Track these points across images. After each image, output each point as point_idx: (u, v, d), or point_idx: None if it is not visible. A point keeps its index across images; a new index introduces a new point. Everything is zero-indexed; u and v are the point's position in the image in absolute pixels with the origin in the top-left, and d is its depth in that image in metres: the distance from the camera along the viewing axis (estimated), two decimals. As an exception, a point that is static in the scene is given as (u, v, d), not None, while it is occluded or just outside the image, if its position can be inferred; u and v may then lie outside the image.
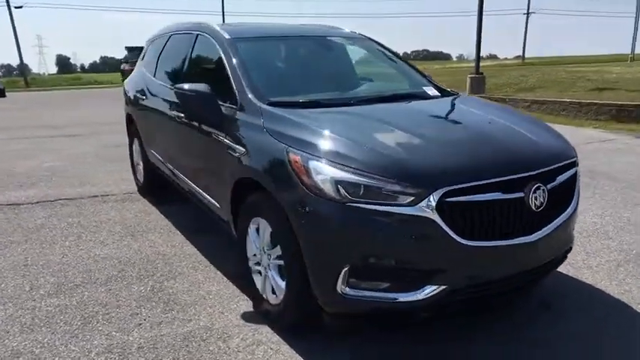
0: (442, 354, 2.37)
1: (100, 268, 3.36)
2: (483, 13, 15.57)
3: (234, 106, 2.88)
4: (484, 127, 2.57)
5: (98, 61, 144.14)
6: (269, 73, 3.18)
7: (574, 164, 2.53)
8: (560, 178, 2.38)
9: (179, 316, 2.76)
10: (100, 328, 2.64)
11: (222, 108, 2.93)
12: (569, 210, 2.45)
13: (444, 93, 3.38)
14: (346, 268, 2.11)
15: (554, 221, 2.33)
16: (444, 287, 2.10)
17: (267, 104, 2.71)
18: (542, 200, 2.22)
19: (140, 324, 2.68)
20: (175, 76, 3.80)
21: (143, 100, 4.45)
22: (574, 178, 2.51)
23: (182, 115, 3.48)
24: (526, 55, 55.26)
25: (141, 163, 4.92)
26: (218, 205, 3.12)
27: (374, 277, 2.12)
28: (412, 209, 2.03)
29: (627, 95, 11.47)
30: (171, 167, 3.94)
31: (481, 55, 16.22)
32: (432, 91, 3.36)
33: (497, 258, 2.18)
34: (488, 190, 2.11)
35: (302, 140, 2.34)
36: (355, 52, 3.79)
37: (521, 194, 2.17)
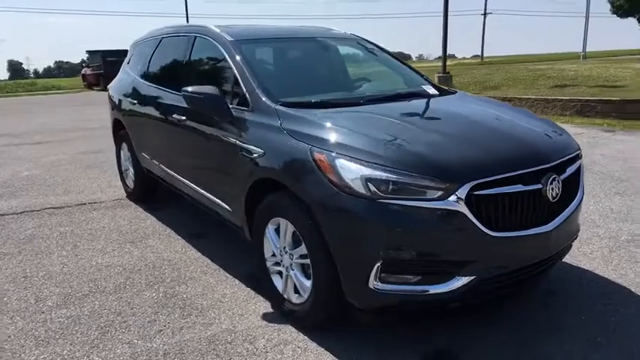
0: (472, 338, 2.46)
1: (106, 277, 3.29)
2: (448, 14, 15.99)
3: (245, 108, 2.88)
4: (496, 123, 2.67)
5: (53, 65, 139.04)
6: (276, 74, 3.20)
7: (579, 156, 2.66)
8: (570, 170, 2.51)
9: (199, 320, 2.74)
10: (120, 337, 2.59)
11: (232, 110, 2.93)
12: (577, 200, 2.58)
13: (442, 91, 3.49)
14: (378, 264, 2.15)
15: (566, 210, 2.46)
16: (472, 278, 2.18)
17: (281, 105, 2.73)
18: (557, 191, 2.34)
19: (161, 330, 2.64)
20: (173, 79, 3.75)
21: (134, 104, 4.37)
22: (579, 170, 2.65)
23: (184, 117, 3.44)
24: (484, 55, 56.87)
25: (131, 169, 4.82)
26: (229, 207, 3.11)
27: (405, 271, 2.18)
28: (442, 203, 2.10)
29: (588, 91, 12.02)
30: (170, 171, 3.89)
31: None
32: (430, 89, 3.46)
33: (519, 248, 2.27)
34: (511, 182, 2.21)
35: (325, 139, 2.38)
36: (354, 53, 3.85)
37: (540, 186, 2.28)
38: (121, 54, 30.55)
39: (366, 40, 4.01)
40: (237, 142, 2.83)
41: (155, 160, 4.13)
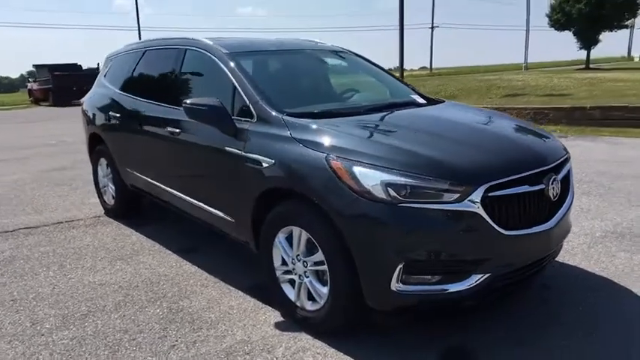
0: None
1: (102, 295, 3.19)
2: (404, 28, 16.54)
3: (249, 119, 2.90)
4: (496, 128, 2.84)
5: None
6: (274, 86, 3.23)
7: (569, 158, 2.86)
8: (564, 171, 2.69)
9: (211, 333, 2.71)
10: (132, 355, 2.52)
11: (235, 121, 2.94)
12: (570, 198, 2.76)
13: (430, 100, 3.64)
14: (401, 266, 2.23)
15: (562, 209, 2.63)
16: (487, 275, 2.30)
17: (288, 115, 2.77)
18: (557, 190, 2.51)
19: (174, 345, 2.60)
20: (163, 92, 3.70)
21: (116, 118, 4.27)
22: (570, 170, 2.84)
23: (178, 130, 3.41)
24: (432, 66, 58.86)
25: (110, 185, 4.69)
26: (231, 219, 3.10)
27: (426, 272, 2.27)
28: (459, 205, 2.21)
29: (538, 100, 12.73)
30: (161, 186, 3.82)
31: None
32: (419, 99, 3.60)
33: (527, 245, 2.42)
34: (519, 183, 2.35)
35: (339, 147, 2.44)
36: (343, 64, 3.94)
37: (542, 186, 2.44)
38: (71, 68, 29.40)
39: (352, 52, 4.12)
40: (243, 152, 2.84)
41: (143, 174, 4.05)
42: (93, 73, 28.56)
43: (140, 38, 34.97)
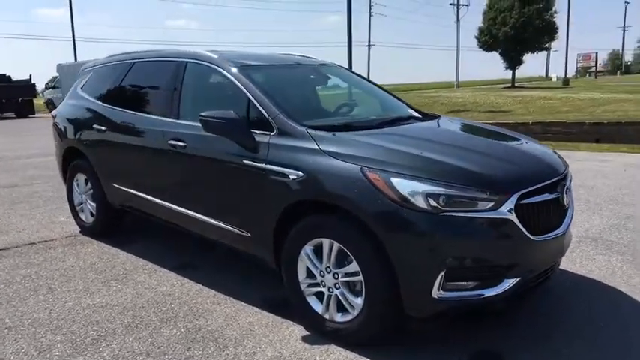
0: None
1: (108, 318, 3.02)
2: (352, 44, 16.98)
3: (269, 132, 2.90)
4: (508, 141, 3.03)
5: None
6: (289, 99, 3.25)
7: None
8: (569, 179, 2.92)
9: (239, 350, 2.65)
10: (163, 378, 2.42)
11: (253, 134, 2.93)
12: (572, 205, 2.99)
13: (424, 114, 3.80)
14: (442, 273, 2.32)
15: (568, 214, 2.84)
16: (518, 279, 2.44)
17: (311, 129, 2.81)
18: (569, 198, 2.71)
19: (205, 365, 2.52)
20: (163, 106, 3.59)
21: (102, 132, 4.07)
22: (571, 180, 3.08)
23: (182, 144, 3.32)
24: (371, 83, 60.63)
25: (89, 202, 4.45)
26: (247, 233, 3.06)
27: (465, 278, 2.37)
28: (494, 213, 2.34)
29: (482, 116, 13.55)
30: (157, 201, 3.68)
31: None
32: (415, 113, 3.76)
33: (547, 250, 2.59)
34: (542, 192, 2.53)
35: (371, 159, 2.50)
36: (341, 79, 4.03)
37: (558, 194, 2.64)
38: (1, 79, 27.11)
39: (345, 68, 4.23)
40: (264, 165, 2.83)
41: (134, 190, 3.88)
42: (27, 84, 26.86)
43: (75, 49, 33.39)
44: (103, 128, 4.06)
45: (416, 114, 3.73)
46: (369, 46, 60.06)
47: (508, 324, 2.86)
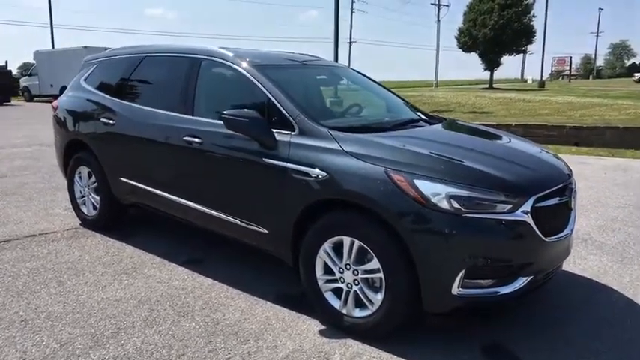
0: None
1: (125, 312, 3.04)
2: (338, 41, 17.10)
3: (290, 132, 2.96)
4: (519, 147, 3.16)
5: None
6: (306, 99, 3.32)
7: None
8: (574, 183, 3.08)
9: (260, 344, 2.72)
10: (190, 370, 2.47)
11: (274, 133, 2.99)
12: (575, 208, 3.16)
13: (429, 116, 3.92)
14: (463, 271, 2.44)
15: (572, 217, 3.01)
16: (530, 277, 2.58)
17: (333, 129, 2.89)
18: (575, 201, 2.87)
19: (229, 358, 2.58)
20: (178, 101, 3.60)
21: (110, 125, 4.06)
22: (575, 184, 3.25)
23: (198, 140, 3.36)
24: (350, 79, 60.88)
25: (93, 195, 4.43)
26: (264, 230, 3.12)
27: (483, 276, 2.50)
28: (512, 215, 2.47)
29: (465, 116, 13.80)
30: (169, 197, 3.70)
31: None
32: (422, 115, 3.88)
33: (557, 250, 2.75)
34: (553, 196, 2.67)
35: (394, 161, 2.60)
36: (351, 80, 4.11)
37: (567, 198, 2.79)
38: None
39: (354, 69, 4.31)
40: (287, 164, 2.89)
41: (144, 184, 3.89)
42: (2, 71, 26.08)
43: (53, 36, 32.51)
44: (112, 122, 4.05)
45: (423, 116, 3.85)
46: (350, 42, 60.25)
47: (514, 319, 3.01)
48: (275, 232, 3.08)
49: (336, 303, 2.85)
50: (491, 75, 41.66)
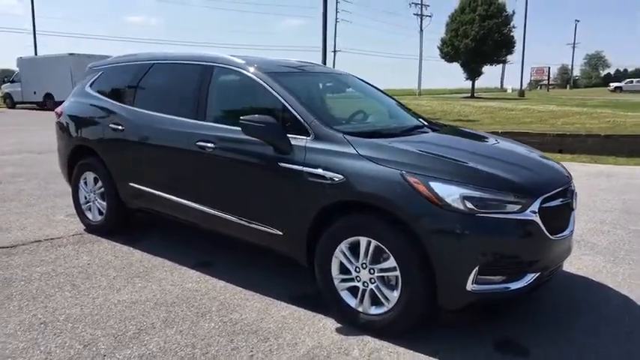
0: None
1: (143, 313, 3.10)
2: (326, 50, 17.33)
3: (305, 137, 3.08)
4: (523, 151, 3.33)
5: None
6: (320, 105, 3.44)
7: (570, 176, 3.45)
8: (574, 186, 3.26)
9: (280, 342, 2.80)
10: (216, 367, 2.55)
11: (290, 138, 3.10)
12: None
13: (431, 123, 4.07)
14: (477, 268, 2.57)
15: (572, 217, 3.17)
16: (538, 274, 2.73)
17: (347, 134, 3.01)
18: (575, 202, 3.04)
19: (252, 355, 2.66)
20: (190, 108, 3.68)
21: (119, 131, 4.11)
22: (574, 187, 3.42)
23: (212, 145, 3.45)
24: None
25: (99, 200, 4.47)
26: (279, 232, 3.21)
27: (495, 272, 2.63)
28: (522, 215, 2.62)
29: (452, 124, 14.09)
30: (180, 201, 3.76)
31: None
32: (424, 121, 4.03)
33: (561, 248, 2.90)
34: (557, 197, 2.84)
35: (409, 164, 2.73)
36: (355, 88, 4.24)
37: (568, 199, 2.95)
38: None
39: (357, 77, 4.45)
40: (303, 168, 3.00)
41: (154, 189, 3.95)
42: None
43: (36, 43, 32.07)
44: (121, 127, 4.10)
45: (425, 122, 3.99)
46: (335, 51, 60.72)
47: (521, 315, 3.16)
48: (290, 234, 3.17)
49: (351, 301, 2.95)
50: (473, 84, 42.48)
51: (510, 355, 2.72)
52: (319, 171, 2.94)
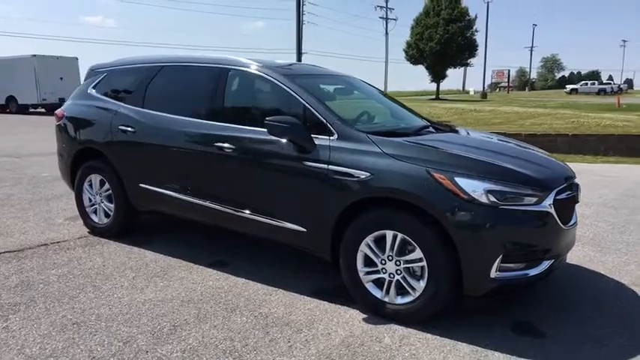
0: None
1: (173, 311, 3.16)
2: (301, 52, 17.45)
3: (329, 137, 3.22)
4: (529, 149, 3.57)
5: None
6: (335, 106, 3.58)
7: (569, 171, 3.72)
8: (577, 180, 3.53)
9: (314, 332, 2.93)
10: (259, 358, 2.65)
11: (313, 138, 3.24)
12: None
13: (432, 122, 4.29)
14: (500, 257, 2.78)
15: (575, 210, 3.44)
16: (552, 261, 2.96)
17: (371, 134, 3.17)
18: (579, 195, 3.31)
19: (291, 346, 2.78)
20: (207, 110, 3.76)
21: (129, 134, 4.13)
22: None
23: (232, 146, 3.53)
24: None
25: (105, 203, 4.46)
26: (302, 229, 3.33)
27: (516, 260, 2.85)
28: (539, 206, 2.85)
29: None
30: (197, 201, 3.82)
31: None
32: (430, 123, 4.24)
33: (569, 237, 3.16)
34: (566, 190, 3.08)
35: (432, 161, 2.92)
36: (363, 91, 4.41)
37: (574, 192, 3.21)
38: None
39: (362, 80, 4.62)
40: (328, 166, 3.14)
41: (169, 191, 3.99)
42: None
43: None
44: (131, 129, 4.12)
45: (431, 123, 4.20)
46: (300, 53, 60.87)
47: (530, 300, 3.40)
48: (314, 231, 3.30)
49: (377, 293, 3.11)
50: (438, 86, 43.54)
51: (530, 337, 2.95)
52: (345, 169, 3.09)
